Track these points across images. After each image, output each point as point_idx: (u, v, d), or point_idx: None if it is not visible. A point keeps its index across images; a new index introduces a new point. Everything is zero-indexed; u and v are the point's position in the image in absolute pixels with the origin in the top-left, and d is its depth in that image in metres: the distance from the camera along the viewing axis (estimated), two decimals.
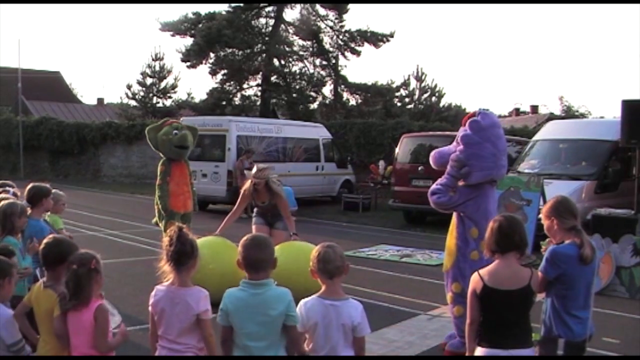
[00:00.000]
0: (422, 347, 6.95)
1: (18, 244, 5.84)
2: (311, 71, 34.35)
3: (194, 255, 4.11)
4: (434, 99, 36.97)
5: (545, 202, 11.30)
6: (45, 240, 4.59)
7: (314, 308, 3.98)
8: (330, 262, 3.98)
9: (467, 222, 6.62)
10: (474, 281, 4.19)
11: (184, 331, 4.02)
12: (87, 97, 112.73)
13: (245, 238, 4.10)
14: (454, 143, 6.72)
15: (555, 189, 11.16)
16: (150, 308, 4.14)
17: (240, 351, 3.97)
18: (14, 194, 7.00)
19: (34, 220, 6.40)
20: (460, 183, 6.61)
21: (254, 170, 8.58)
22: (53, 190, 7.39)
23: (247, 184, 8.65)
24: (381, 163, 21.57)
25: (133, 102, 39.17)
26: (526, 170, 13.86)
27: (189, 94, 38.29)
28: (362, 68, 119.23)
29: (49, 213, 7.42)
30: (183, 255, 4.05)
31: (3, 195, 6.72)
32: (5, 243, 5.51)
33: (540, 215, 4.84)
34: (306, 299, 4.04)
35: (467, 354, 4.32)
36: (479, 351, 4.18)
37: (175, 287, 4.06)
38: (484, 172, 6.48)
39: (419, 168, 16.44)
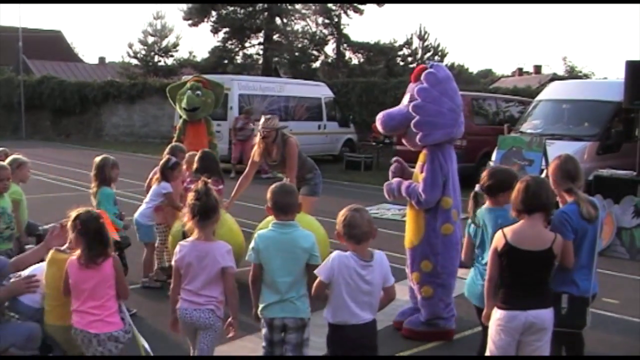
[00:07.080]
0: None
1: (112, 194, 6.54)
2: (313, 30, 34.13)
3: (218, 209, 4.27)
4: (436, 58, 36.76)
5: (547, 162, 11.34)
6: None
7: (342, 268, 3.94)
8: (357, 227, 3.95)
9: None
10: (497, 239, 4.21)
11: (208, 283, 4.17)
12: (89, 56, 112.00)
13: (274, 185, 4.35)
14: (404, 103, 6.11)
15: (558, 150, 11.09)
16: (173, 263, 4.30)
17: (267, 288, 4.18)
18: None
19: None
20: (418, 142, 5.96)
21: (262, 120, 7.76)
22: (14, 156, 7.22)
23: (255, 146, 7.86)
24: None
25: (135, 61, 39.07)
26: (528, 131, 13.80)
27: (190, 53, 38.37)
28: (365, 27, 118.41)
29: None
30: (210, 209, 4.18)
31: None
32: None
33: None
34: (341, 253, 4.00)
35: (485, 311, 4.34)
36: (497, 313, 4.18)
37: (201, 241, 4.20)
38: (445, 130, 5.87)
39: None
